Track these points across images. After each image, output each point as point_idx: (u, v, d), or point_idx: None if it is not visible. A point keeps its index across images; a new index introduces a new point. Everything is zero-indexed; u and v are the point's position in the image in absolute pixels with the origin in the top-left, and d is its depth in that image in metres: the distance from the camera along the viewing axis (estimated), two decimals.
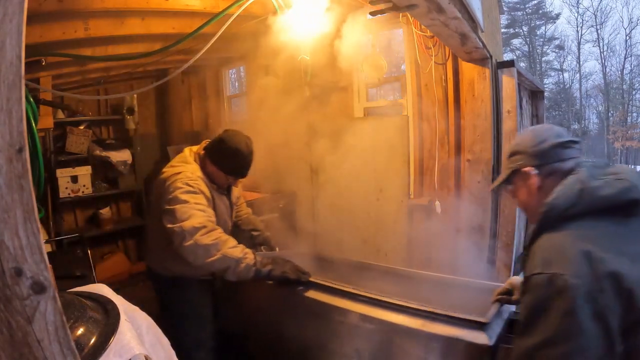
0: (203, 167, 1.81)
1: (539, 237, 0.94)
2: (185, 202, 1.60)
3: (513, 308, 1.38)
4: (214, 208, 1.76)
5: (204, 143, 1.89)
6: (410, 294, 1.59)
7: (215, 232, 1.58)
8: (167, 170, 1.78)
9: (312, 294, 1.60)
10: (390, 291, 1.59)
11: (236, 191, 2.07)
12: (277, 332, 1.72)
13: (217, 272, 1.61)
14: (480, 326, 1.22)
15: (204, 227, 1.56)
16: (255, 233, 2.19)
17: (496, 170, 2.40)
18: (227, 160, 1.78)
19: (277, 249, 2.19)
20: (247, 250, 1.61)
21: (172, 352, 0.97)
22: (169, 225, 1.57)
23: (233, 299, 2.01)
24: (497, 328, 1.24)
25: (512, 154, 1.10)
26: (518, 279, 1.34)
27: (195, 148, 1.90)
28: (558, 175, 0.99)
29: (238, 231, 2.16)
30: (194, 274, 1.78)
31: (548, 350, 0.80)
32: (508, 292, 1.34)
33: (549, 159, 1.02)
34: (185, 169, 1.74)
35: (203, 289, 1.89)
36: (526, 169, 1.04)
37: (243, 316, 2.01)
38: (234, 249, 1.57)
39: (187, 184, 1.65)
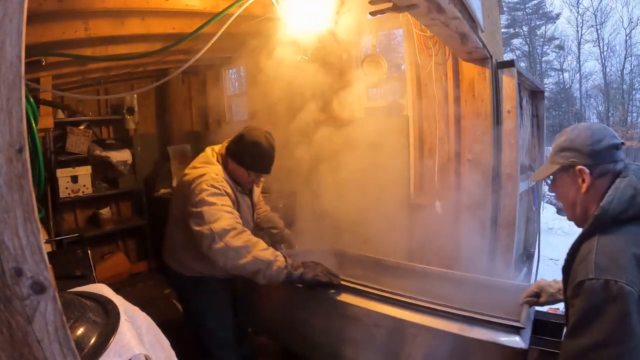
0: (225, 167, 1.79)
1: (589, 239, 0.95)
2: (213, 204, 1.58)
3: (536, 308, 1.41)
4: (238, 209, 1.74)
5: (226, 142, 1.87)
6: (431, 292, 1.61)
7: (245, 233, 1.56)
8: (191, 172, 1.75)
9: (344, 297, 1.57)
10: (414, 289, 1.61)
11: (257, 191, 2.05)
12: (304, 334, 1.71)
13: (246, 275, 1.57)
14: (516, 330, 1.23)
15: (234, 228, 1.53)
16: (274, 231, 2.17)
17: (496, 170, 2.40)
18: (248, 155, 1.74)
19: (296, 246, 2.17)
20: (278, 253, 1.58)
21: (172, 353, 0.97)
22: (197, 228, 1.54)
23: (255, 298, 2.00)
24: (528, 330, 1.27)
25: (564, 149, 1.07)
26: (546, 281, 1.37)
27: (217, 147, 1.88)
28: (608, 177, 1.00)
29: (257, 229, 2.15)
30: (214, 273, 1.78)
31: (601, 352, 0.83)
32: (536, 294, 1.36)
33: (603, 160, 1.01)
34: (209, 169, 1.71)
35: (224, 288, 1.90)
36: (579, 167, 1.02)
37: (264, 315, 2.00)
38: (265, 251, 1.54)
39: (213, 186, 1.63)
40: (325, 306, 1.62)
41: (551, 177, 1.13)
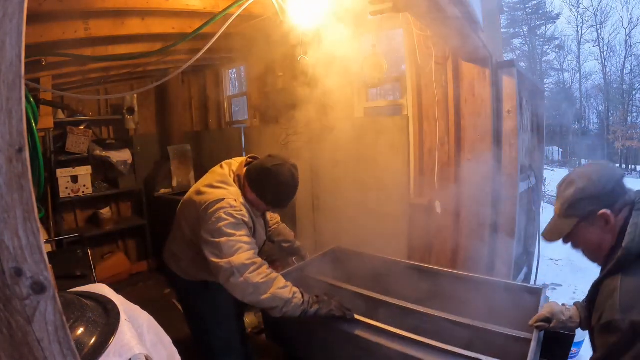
0: (243, 191, 1.70)
1: (613, 277, 1.00)
2: (232, 235, 1.52)
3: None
4: (254, 234, 1.69)
5: (243, 161, 1.79)
6: (441, 293, 1.60)
7: (264, 267, 1.53)
8: (207, 192, 1.66)
9: (360, 332, 1.55)
10: (422, 290, 1.59)
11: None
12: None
13: (263, 307, 1.56)
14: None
15: (254, 263, 1.50)
16: (286, 245, 2.14)
17: (496, 170, 2.40)
18: (271, 193, 1.68)
19: (307, 255, 2.16)
20: (295, 289, 1.56)
21: (174, 350, 0.97)
22: (214, 260, 1.49)
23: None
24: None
25: (578, 200, 1.08)
26: (558, 306, 1.38)
27: (235, 166, 1.79)
28: (626, 210, 1.05)
29: (268, 240, 2.12)
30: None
31: None
32: (547, 319, 1.37)
33: (618, 197, 1.05)
34: (229, 193, 1.63)
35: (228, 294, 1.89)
36: (602, 212, 1.05)
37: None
38: (283, 289, 1.52)
39: (232, 215, 1.55)
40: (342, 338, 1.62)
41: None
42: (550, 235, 1.18)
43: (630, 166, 16.66)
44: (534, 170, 3.00)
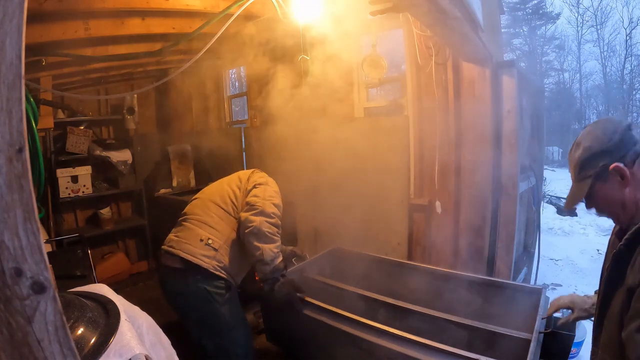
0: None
1: None
2: (272, 215, 1.84)
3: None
4: None
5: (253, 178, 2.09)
6: (441, 294, 1.60)
7: (280, 255, 1.86)
8: (254, 175, 2.04)
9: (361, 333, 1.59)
10: (420, 289, 1.59)
11: None
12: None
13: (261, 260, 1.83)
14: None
15: (279, 255, 1.84)
16: (287, 248, 2.33)
17: (496, 170, 2.40)
18: None
19: (307, 256, 2.32)
20: (282, 266, 1.86)
21: (173, 351, 0.97)
22: (256, 243, 1.79)
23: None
24: None
25: (588, 159, 1.03)
26: (579, 297, 1.34)
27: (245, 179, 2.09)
28: None
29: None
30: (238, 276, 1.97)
31: None
32: (568, 309, 1.34)
33: (627, 147, 0.99)
34: (270, 180, 2.01)
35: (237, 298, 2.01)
36: (613, 165, 0.98)
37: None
38: (275, 250, 1.83)
39: (277, 193, 1.95)
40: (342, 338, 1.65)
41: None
42: (570, 201, 1.10)
43: None
44: (534, 170, 3.00)
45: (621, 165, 0.98)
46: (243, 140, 4.05)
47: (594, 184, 1.03)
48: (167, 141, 4.37)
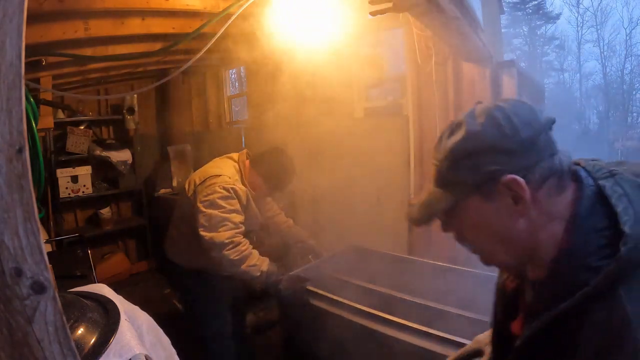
0: (245, 175, 1.92)
1: (602, 298, 0.52)
2: (221, 207, 1.73)
3: None
4: (246, 210, 1.88)
5: (245, 153, 2.00)
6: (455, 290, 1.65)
7: (240, 246, 1.74)
8: (206, 169, 1.91)
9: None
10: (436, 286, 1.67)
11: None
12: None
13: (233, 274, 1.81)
14: None
15: (231, 242, 1.72)
16: (300, 245, 2.31)
17: None
18: (276, 177, 1.95)
19: (323, 254, 2.29)
20: (264, 269, 1.77)
21: (173, 351, 0.97)
22: (202, 232, 1.71)
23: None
24: None
25: (469, 153, 0.62)
26: (485, 337, 0.94)
27: (235, 156, 2.00)
28: (554, 180, 0.59)
29: (283, 244, 2.37)
30: (215, 269, 1.88)
31: None
32: (476, 352, 0.95)
33: (540, 156, 0.59)
34: (227, 171, 1.86)
35: (225, 286, 1.99)
36: (510, 177, 0.58)
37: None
38: (253, 267, 1.75)
39: (226, 190, 1.76)
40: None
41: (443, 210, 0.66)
42: (422, 211, 0.69)
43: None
44: None
45: (520, 180, 0.58)
46: (243, 140, 4.05)
47: (467, 197, 0.63)
48: (167, 141, 4.37)
